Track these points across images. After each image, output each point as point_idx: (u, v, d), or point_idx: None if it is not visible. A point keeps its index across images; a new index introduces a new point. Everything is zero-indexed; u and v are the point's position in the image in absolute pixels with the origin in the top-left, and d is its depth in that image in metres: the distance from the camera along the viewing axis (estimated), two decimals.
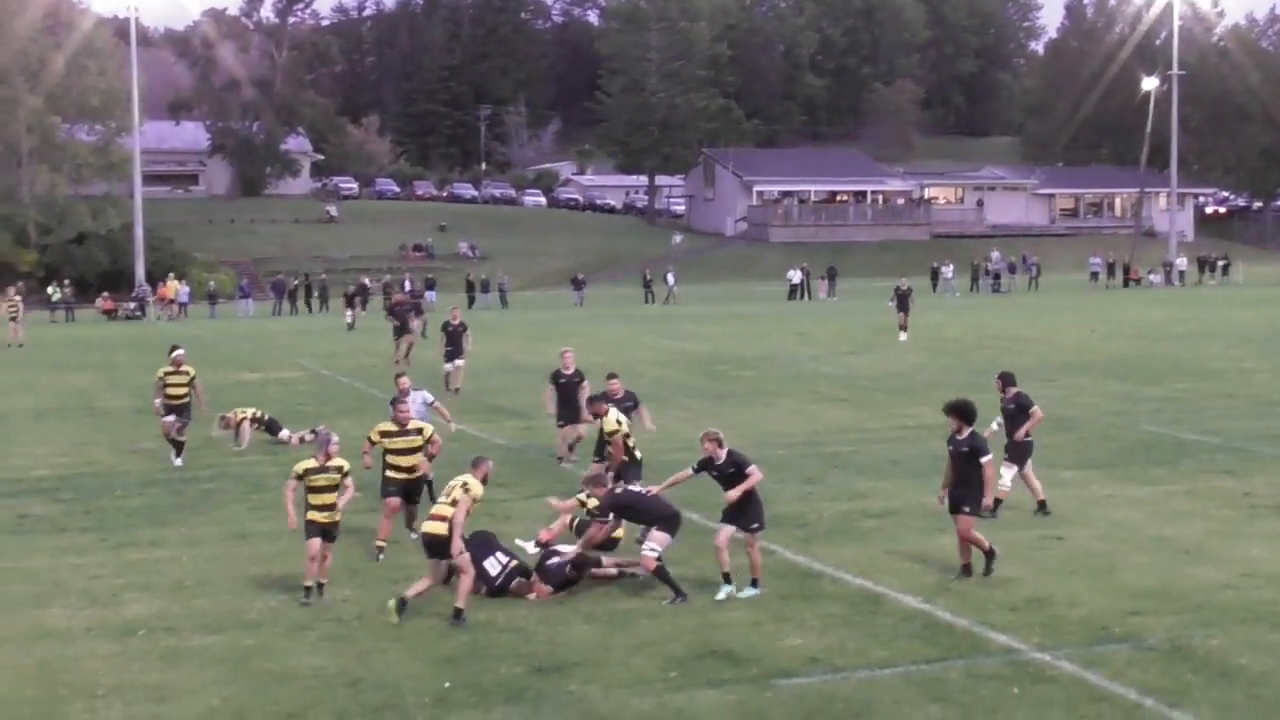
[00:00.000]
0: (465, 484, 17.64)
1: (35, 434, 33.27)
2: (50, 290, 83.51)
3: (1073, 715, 13.94)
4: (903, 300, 54.92)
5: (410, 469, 21.13)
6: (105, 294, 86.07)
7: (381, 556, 20.43)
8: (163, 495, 25.71)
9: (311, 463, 18.38)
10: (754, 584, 18.26)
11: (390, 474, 21.21)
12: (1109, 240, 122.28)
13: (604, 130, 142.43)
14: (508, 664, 15.66)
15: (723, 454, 18.48)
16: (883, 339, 54.17)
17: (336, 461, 18.46)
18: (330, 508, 18.29)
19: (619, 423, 22.57)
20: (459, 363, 39.24)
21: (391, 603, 17.27)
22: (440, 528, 17.25)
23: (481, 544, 18.63)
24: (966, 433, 19.48)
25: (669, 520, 18.72)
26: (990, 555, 18.92)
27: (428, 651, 16.18)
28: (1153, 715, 13.93)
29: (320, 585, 18.30)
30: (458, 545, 17.17)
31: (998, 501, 22.45)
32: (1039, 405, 24.01)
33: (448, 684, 15.03)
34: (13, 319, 60.23)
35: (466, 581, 17.22)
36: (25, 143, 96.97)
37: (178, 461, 28.30)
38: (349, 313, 68.77)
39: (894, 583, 18.74)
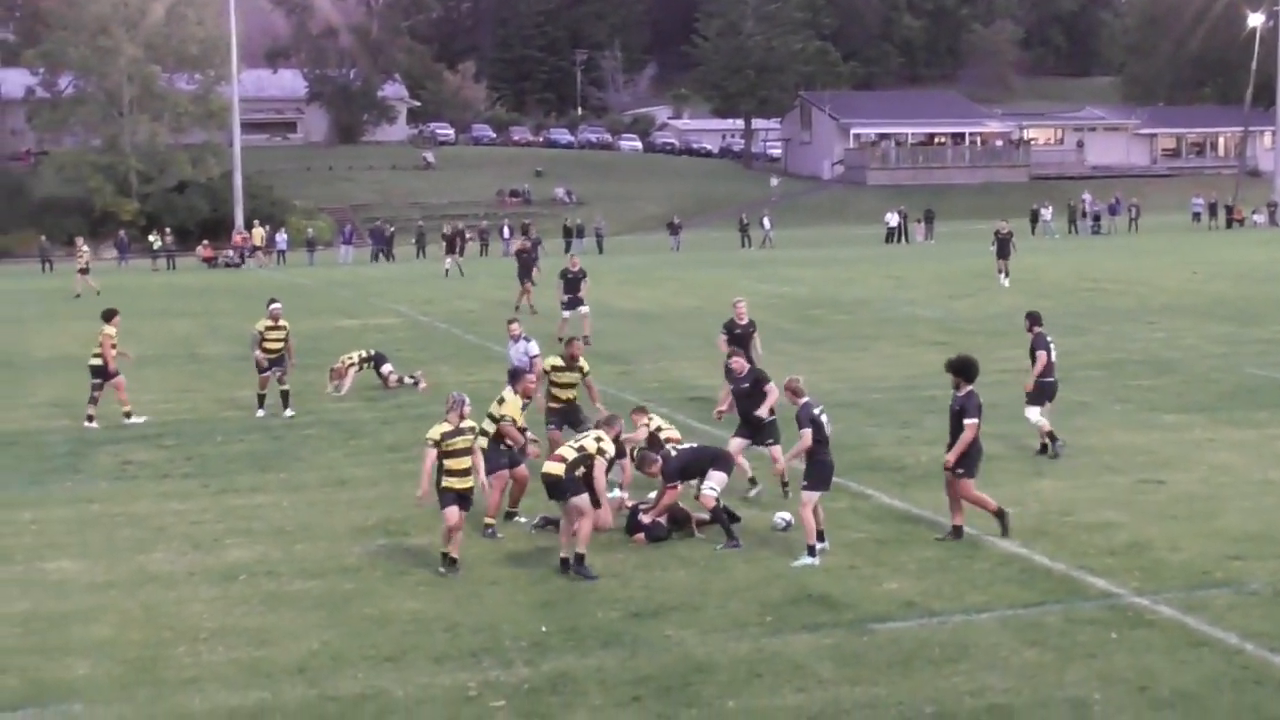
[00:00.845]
0: (600, 439, 17.61)
1: (137, 381, 33.65)
2: (152, 238, 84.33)
3: (1172, 660, 13.82)
4: (1003, 245, 54.18)
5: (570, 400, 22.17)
6: (205, 242, 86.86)
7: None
8: (263, 441, 26.01)
9: (446, 426, 17.40)
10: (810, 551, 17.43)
11: (551, 405, 22.08)
12: (1212, 180, 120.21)
13: (700, 74, 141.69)
14: (604, 608, 15.74)
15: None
16: (981, 282, 53.63)
17: (469, 423, 17.67)
18: (466, 472, 17.40)
19: (660, 429, 20.90)
20: (582, 310, 38.70)
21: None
22: (558, 469, 17.14)
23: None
24: (964, 390, 18.66)
25: (721, 460, 19.07)
26: (1001, 515, 18.27)
27: (525, 596, 16.29)
28: (1254, 660, 13.78)
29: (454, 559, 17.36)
30: (596, 497, 17.33)
31: (1053, 438, 23.16)
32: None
33: (544, 628, 15.13)
34: (82, 271, 60.02)
35: (587, 525, 17.02)
36: (126, 92, 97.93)
37: (288, 412, 28.10)
38: (447, 259, 68.30)
39: (990, 526, 18.60)
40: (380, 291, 57.60)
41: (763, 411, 20.57)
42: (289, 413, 28.12)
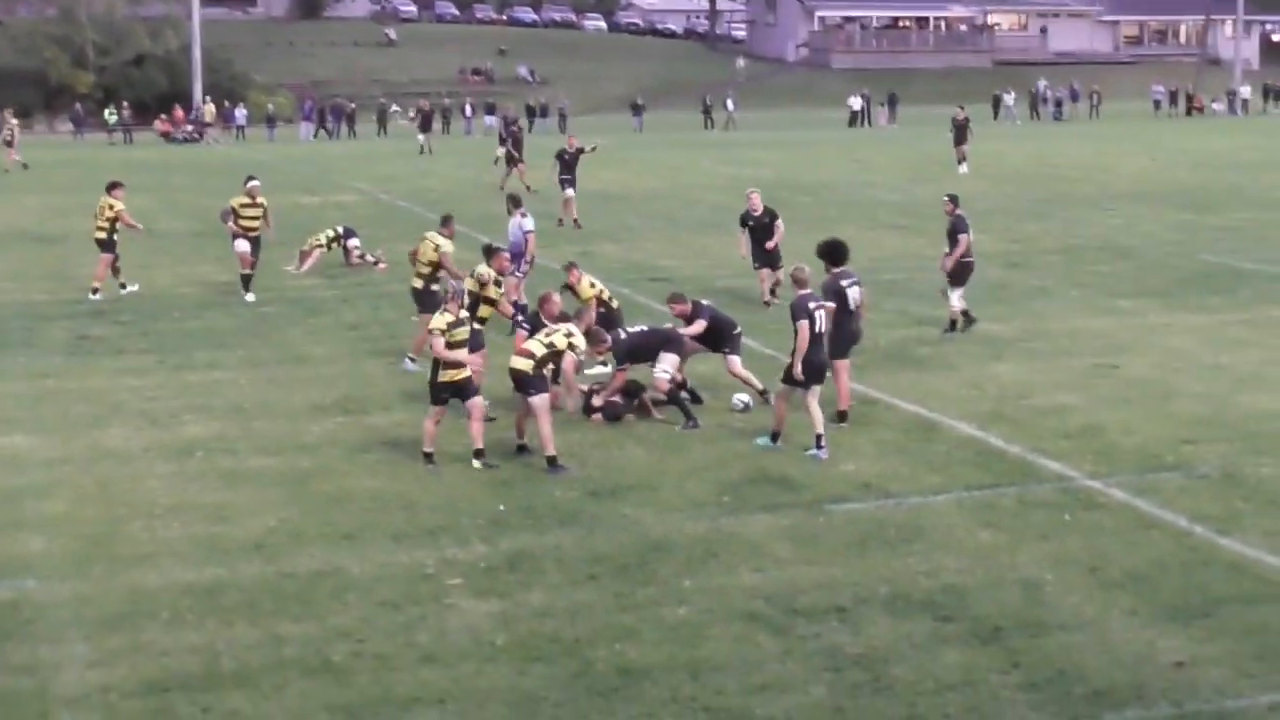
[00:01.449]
0: (570, 334, 17.14)
1: (93, 257, 33.37)
2: (108, 113, 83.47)
3: (1123, 541, 13.91)
4: (960, 131, 53.79)
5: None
6: (162, 116, 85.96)
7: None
8: (220, 318, 25.82)
9: (449, 316, 16.50)
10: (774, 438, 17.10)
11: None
12: (1173, 68, 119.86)
13: None
14: (562, 487, 15.73)
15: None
16: (942, 167, 53.47)
17: (466, 314, 17.18)
18: (461, 364, 16.69)
19: (593, 285, 21.02)
20: (570, 193, 37.98)
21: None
22: (526, 364, 16.56)
23: None
24: (831, 274, 18.28)
25: (673, 342, 18.81)
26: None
27: (482, 475, 16.26)
28: (1202, 542, 13.89)
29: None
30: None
31: (968, 318, 23.36)
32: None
33: (502, 507, 15.13)
34: (7, 143, 59.46)
35: (547, 427, 16.41)
36: None
37: (249, 297, 27.26)
38: (422, 136, 68.05)
39: (949, 410, 18.67)
40: (341, 169, 57.16)
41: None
42: (250, 298, 27.36)
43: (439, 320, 16.57)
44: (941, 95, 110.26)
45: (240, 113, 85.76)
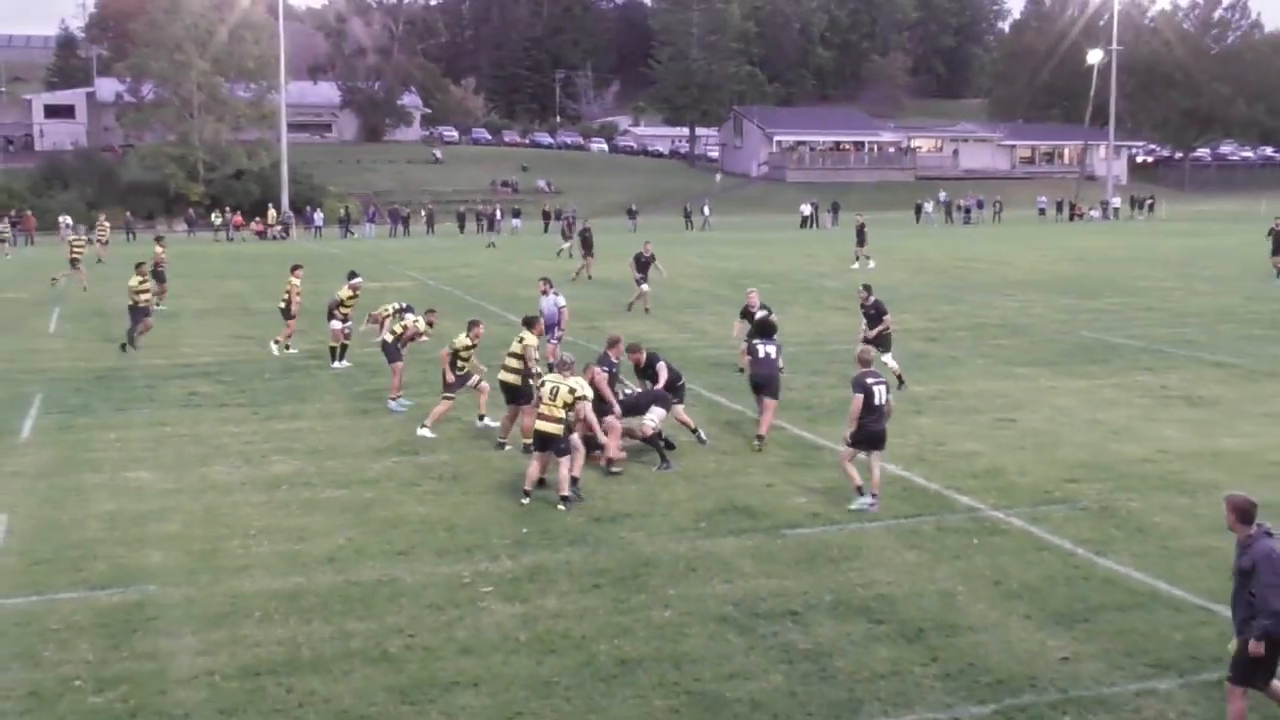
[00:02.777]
0: (574, 390, 16.09)
1: (200, 329, 33.46)
2: (214, 216, 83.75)
3: (1020, 560, 13.90)
4: (859, 233, 53.53)
5: None
6: (258, 218, 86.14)
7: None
8: (301, 379, 25.83)
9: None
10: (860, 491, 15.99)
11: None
12: (1059, 183, 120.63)
13: (655, 90, 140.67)
14: (572, 514, 15.71)
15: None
16: (875, 260, 53.68)
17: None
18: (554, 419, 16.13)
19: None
20: (645, 287, 37.16)
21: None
22: (555, 429, 15.94)
23: None
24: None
25: (662, 400, 18.70)
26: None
27: (509, 504, 16.24)
28: (1083, 561, 13.89)
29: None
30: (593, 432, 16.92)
31: (899, 379, 23.48)
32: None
33: (525, 530, 15.11)
34: (101, 243, 57.21)
35: (564, 470, 16.02)
36: (195, 98, 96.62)
37: (339, 365, 26.89)
38: (492, 235, 69.46)
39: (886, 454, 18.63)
40: (397, 260, 57.20)
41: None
42: (338, 365, 27.06)
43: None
44: (874, 203, 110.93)
45: (318, 215, 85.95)
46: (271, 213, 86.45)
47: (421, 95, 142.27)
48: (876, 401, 15.59)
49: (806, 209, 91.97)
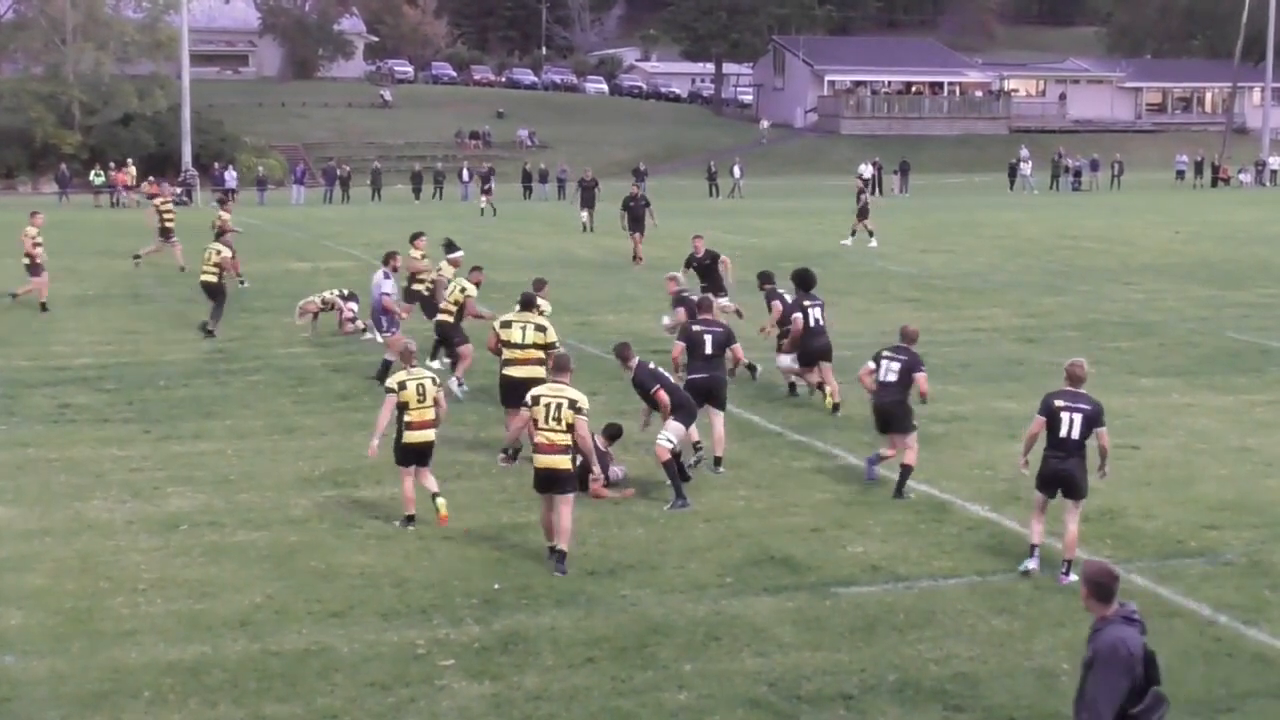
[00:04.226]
0: (574, 403, 15.90)
1: (78, 321, 33.55)
2: (94, 174, 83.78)
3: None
4: (860, 199, 53.10)
5: None
6: (150, 178, 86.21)
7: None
8: (207, 386, 25.90)
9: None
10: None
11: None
12: (1198, 137, 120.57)
13: (670, 14, 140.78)
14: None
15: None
16: (956, 237, 53.75)
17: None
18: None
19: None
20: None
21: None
22: (565, 463, 15.89)
23: None
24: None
25: (684, 410, 18.67)
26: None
27: (477, 552, 16.29)
28: (1226, 632, 13.90)
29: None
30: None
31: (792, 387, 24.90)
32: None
33: (496, 585, 15.15)
34: None
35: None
36: (70, 19, 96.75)
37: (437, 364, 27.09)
38: (484, 199, 69.83)
39: (961, 490, 18.72)
40: (334, 234, 57.34)
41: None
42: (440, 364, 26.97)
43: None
44: (956, 163, 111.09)
45: (230, 175, 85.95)
46: (130, 169, 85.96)
47: (365, 19, 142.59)
48: (1062, 433, 15.38)
49: (867, 170, 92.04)
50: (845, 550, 16.36)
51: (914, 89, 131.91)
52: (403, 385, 17.02)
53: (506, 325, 20.70)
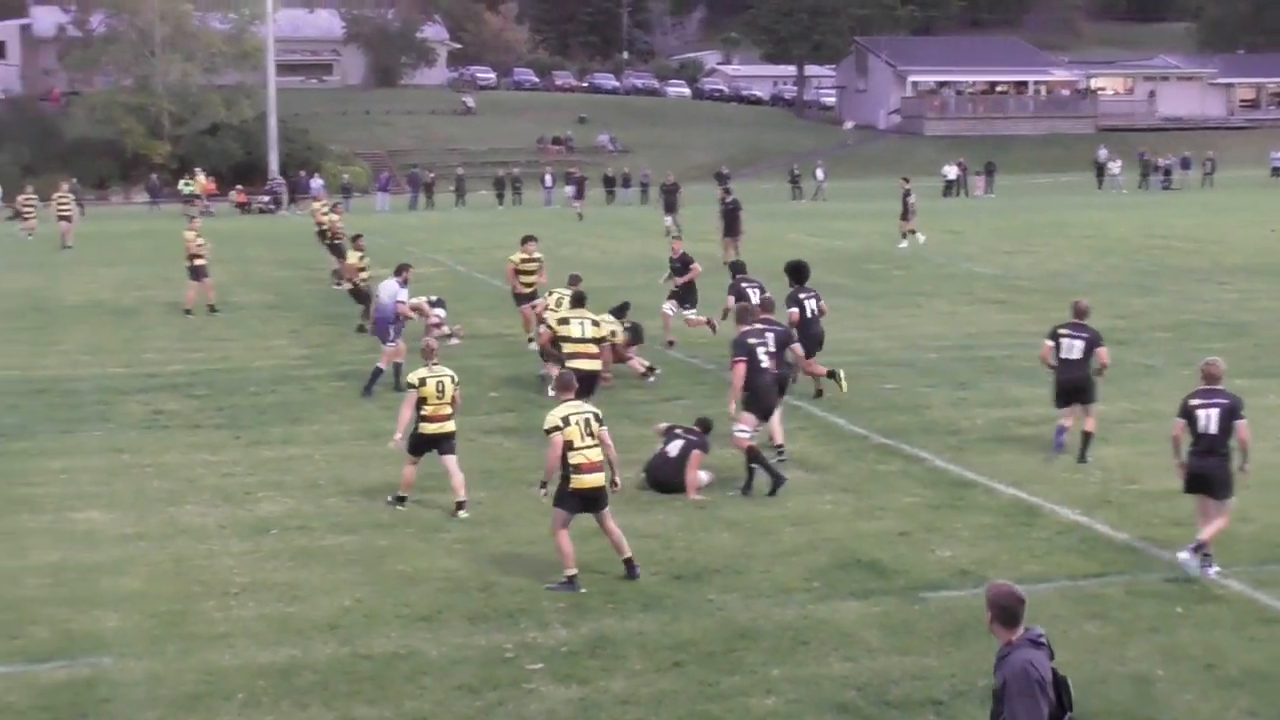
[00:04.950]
0: (595, 419, 15.74)
1: (169, 329, 33.93)
2: (182, 184, 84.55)
3: (1240, 637, 13.77)
4: (905, 203, 52.33)
5: None
6: (239, 187, 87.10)
7: None
8: (295, 393, 26.13)
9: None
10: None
11: None
12: None
13: (751, 17, 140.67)
14: (645, 570, 15.76)
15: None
16: (1042, 237, 53.35)
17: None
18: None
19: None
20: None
21: None
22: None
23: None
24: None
25: (762, 405, 19.03)
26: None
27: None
28: None
29: None
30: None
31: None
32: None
33: (583, 590, 15.18)
34: (64, 218, 57.49)
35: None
36: (158, 31, 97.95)
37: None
38: (577, 204, 71.21)
39: (1050, 494, 18.59)
40: (418, 240, 57.66)
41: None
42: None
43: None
44: (1042, 163, 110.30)
45: (316, 183, 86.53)
46: (200, 178, 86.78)
47: (448, 26, 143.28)
48: (1200, 427, 15.52)
49: (951, 171, 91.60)
50: (933, 554, 16.29)
51: (999, 88, 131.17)
52: (423, 381, 17.95)
53: (564, 322, 22.16)
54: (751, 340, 19.21)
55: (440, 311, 31.55)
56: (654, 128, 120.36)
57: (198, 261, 35.68)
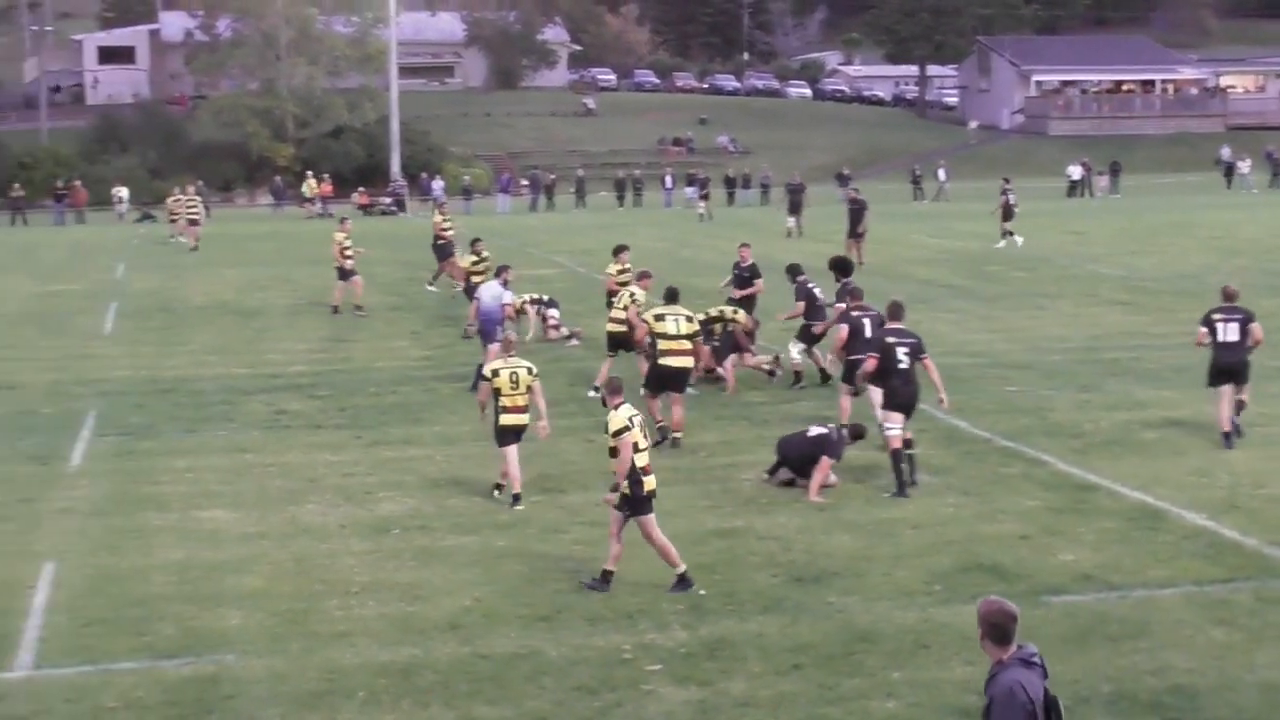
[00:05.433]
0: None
1: (291, 330, 34.35)
2: (305, 187, 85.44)
3: None
4: (1005, 206, 52.74)
5: None
6: (361, 189, 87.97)
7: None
8: (415, 393, 26.35)
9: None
10: None
11: None
12: None
13: (872, 17, 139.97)
14: (764, 573, 15.76)
15: None
16: (1168, 238, 52.62)
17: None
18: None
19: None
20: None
21: None
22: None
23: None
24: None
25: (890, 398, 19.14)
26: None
27: (683, 558, 16.32)
28: None
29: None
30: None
31: (798, 376, 26.09)
32: None
33: (703, 591, 15.19)
34: (192, 222, 58.11)
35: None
36: (283, 35, 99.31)
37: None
38: (701, 205, 71.49)
39: (1176, 498, 18.34)
40: (538, 241, 57.92)
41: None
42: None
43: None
44: (1169, 163, 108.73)
45: (437, 184, 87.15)
46: (310, 182, 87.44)
47: (569, 28, 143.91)
48: (1219, 338, 16.48)
49: (1075, 171, 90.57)
50: (1056, 558, 16.13)
51: (1124, 87, 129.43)
52: (496, 373, 18.64)
53: (660, 318, 22.38)
54: (890, 339, 19.29)
55: (554, 312, 31.72)
56: (774, 129, 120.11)
57: (347, 263, 36.11)
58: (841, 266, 25.57)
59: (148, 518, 18.34)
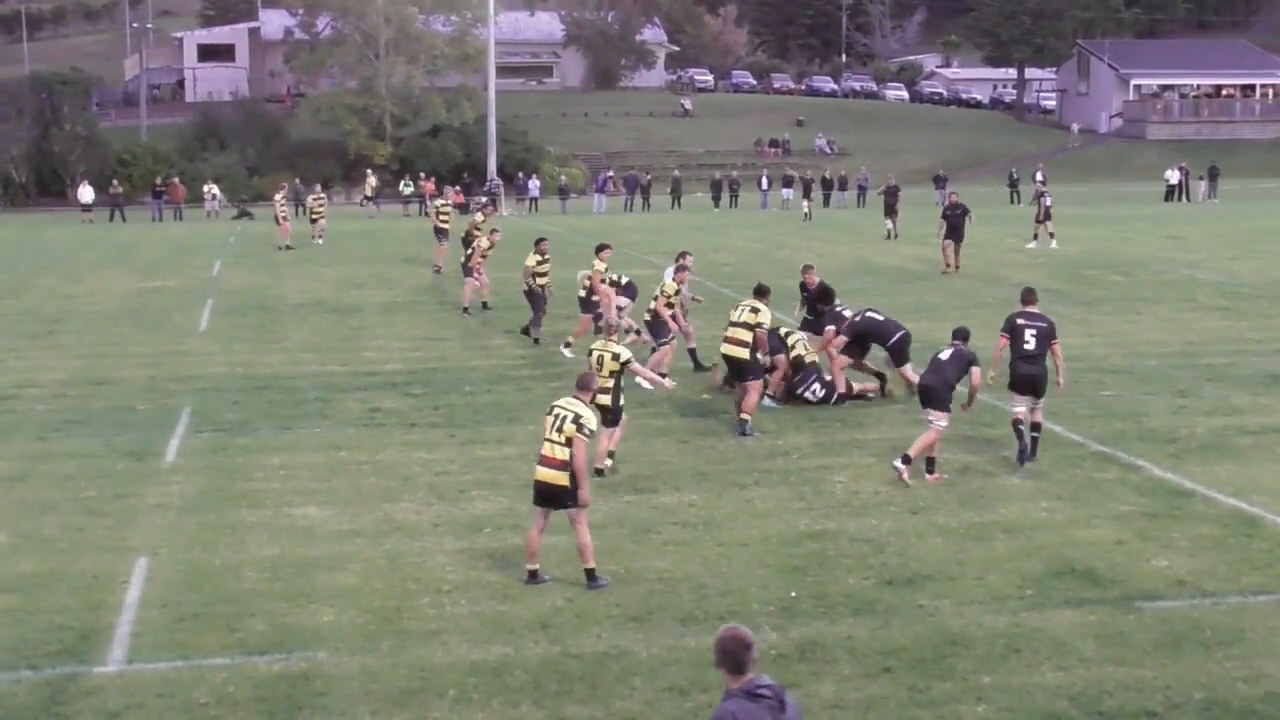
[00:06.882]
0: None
1: (387, 327, 34.57)
2: (403, 185, 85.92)
3: None
4: (1039, 202, 54.14)
5: None
6: (457, 187, 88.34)
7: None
8: (510, 392, 26.44)
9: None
10: None
11: None
12: None
13: (972, 20, 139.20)
14: (856, 575, 15.70)
15: None
16: (1268, 243, 51.88)
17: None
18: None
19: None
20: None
21: None
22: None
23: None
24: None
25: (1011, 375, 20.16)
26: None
27: (774, 559, 16.32)
28: None
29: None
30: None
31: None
32: None
33: (794, 593, 15.16)
34: (316, 218, 59.08)
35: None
36: (382, 34, 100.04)
37: (568, 353, 29.77)
38: (805, 203, 73.11)
39: (1272, 504, 18.10)
40: (633, 242, 57.94)
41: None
42: (568, 353, 29.74)
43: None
44: (1270, 167, 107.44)
45: (534, 184, 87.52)
46: (370, 179, 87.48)
47: (667, 28, 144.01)
48: None
49: (1173, 175, 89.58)
50: (1149, 564, 15.96)
51: (1224, 92, 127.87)
52: (590, 353, 20.04)
53: (736, 307, 23.45)
54: (1021, 321, 20.36)
55: (624, 300, 31.28)
56: (871, 131, 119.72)
57: (474, 259, 36.40)
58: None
59: (241, 514, 18.52)
